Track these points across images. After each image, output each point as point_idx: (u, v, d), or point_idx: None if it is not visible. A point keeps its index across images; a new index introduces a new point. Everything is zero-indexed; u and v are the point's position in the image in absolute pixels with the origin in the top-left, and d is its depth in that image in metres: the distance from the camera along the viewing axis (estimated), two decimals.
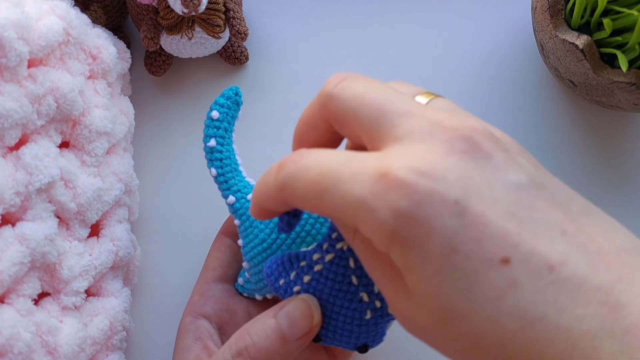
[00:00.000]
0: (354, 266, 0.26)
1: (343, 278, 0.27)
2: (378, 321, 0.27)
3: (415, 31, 0.41)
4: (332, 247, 0.27)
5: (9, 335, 0.28)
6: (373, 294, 0.27)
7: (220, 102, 0.32)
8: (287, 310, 0.27)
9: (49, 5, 0.32)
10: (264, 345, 0.27)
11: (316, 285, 0.27)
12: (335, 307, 0.27)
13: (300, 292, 0.27)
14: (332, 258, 0.27)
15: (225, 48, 0.40)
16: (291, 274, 0.28)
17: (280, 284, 0.28)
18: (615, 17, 0.32)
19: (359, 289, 0.27)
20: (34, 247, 0.29)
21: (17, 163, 0.30)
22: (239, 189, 0.32)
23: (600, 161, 0.39)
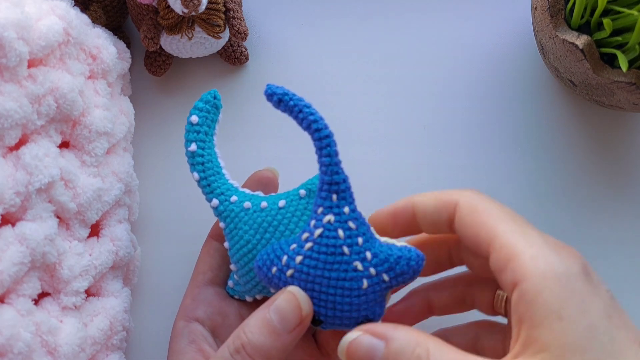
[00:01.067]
0: (343, 236, 0.27)
1: (335, 249, 0.27)
2: (375, 289, 0.28)
3: (416, 31, 0.41)
4: (320, 221, 0.28)
5: (9, 335, 0.28)
6: (366, 261, 0.28)
7: (199, 107, 0.32)
8: (276, 305, 0.28)
9: (49, 5, 0.32)
10: (259, 341, 0.28)
11: (309, 263, 0.28)
12: (332, 282, 0.27)
13: (293, 276, 0.28)
14: (321, 232, 0.28)
15: (225, 48, 0.40)
16: (282, 259, 0.28)
17: (273, 272, 0.28)
18: (615, 17, 0.32)
19: (352, 257, 0.27)
20: (34, 247, 0.29)
21: (17, 163, 0.30)
22: (222, 191, 0.32)
23: (600, 161, 0.39)
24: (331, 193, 0.28)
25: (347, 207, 0.28)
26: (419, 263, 0.28)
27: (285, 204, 0.31)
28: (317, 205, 0.28)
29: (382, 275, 0.28)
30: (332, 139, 0.28)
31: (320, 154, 0.28)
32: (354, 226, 0.28)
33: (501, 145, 0.40)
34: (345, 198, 0.28)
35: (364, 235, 0.28)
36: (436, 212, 0.28)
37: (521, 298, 0.24)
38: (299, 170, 0.36)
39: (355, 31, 0.42)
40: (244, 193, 0.32)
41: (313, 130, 0.28)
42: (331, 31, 0.42)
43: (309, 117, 0.28)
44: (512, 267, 0.24)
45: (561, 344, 0.22)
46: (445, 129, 0.40)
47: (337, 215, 0.28)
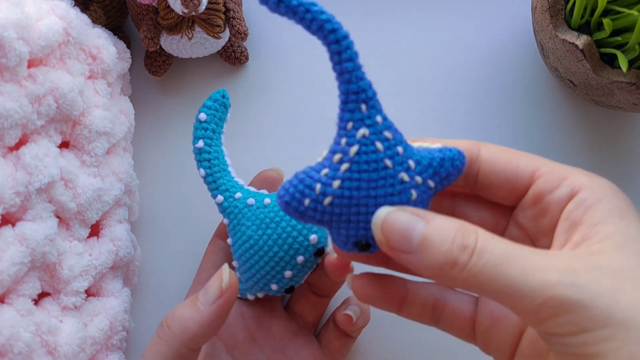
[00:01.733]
0: (383, 148, 0.24)
1: (377, 165, 0.24)
2: (423, 197, 0.25)
3: (416, 31, 0.41)
4: (353, 137, 0.24)
5: (9, 335, 0.28)
6: (411, 170, 0.25)
7: (208, 105, 0.33)
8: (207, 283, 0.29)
9: (49, 5, 0.32)
10: (179, 311, 0.29)
11: (350, 185, 0.24)
12: (379, 200, 0.24)
13: (333, 203, 0.24)
14: (358, 149, 0.24)
15: (225, 48, 0.40)
16: (316, 188, 0.24)
17: (307, 205, 0.25)
18: (615, 17, 0.32)
19: (396, 170, 0.24)
20: (34, 247, 0.29)
21: (17, 163, 0.30)
22: (227, 188, 0.32)
23: (600, 161, 0.39)
24: (359, 103, 0.24)
25: (378, 116, 0.25)
26: (462, 161, 0.26)
27: None
28: (345, 120, 0.24)
29: (428, 182, 0.25)
30: (350, 40, 0.24)
31: (340, 60, 0.24)
32: (390, 136, 0.25)
33: (501, 145, 0.40)
34: (374, 106, 0.25)
35: (402, 144, 0.25)
36: None
37: (580, 204, 0.24)
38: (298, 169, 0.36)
39: (355, 31, 0.41)
40: (248, 190, 0.33)
41: (328, 32, 0.24)
42: None
43: (320, 17, 0.24)
44: (567, 182, 0.24)
45: (624, 234, 0.22)
46: (445, 129, 0.40)
47: (371, 126, 0.24)
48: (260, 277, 0.32)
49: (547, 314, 0.21)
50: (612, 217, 0.23)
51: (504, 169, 0.26)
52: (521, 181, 0.26)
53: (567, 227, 0.24)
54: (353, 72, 0.24)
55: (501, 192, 0.27)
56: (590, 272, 0.21)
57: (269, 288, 0.32)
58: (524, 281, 0.21)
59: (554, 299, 0.21)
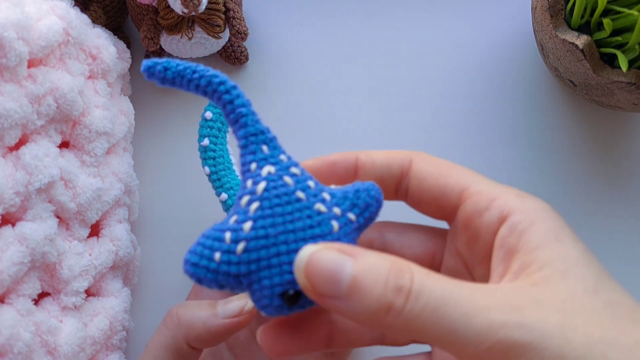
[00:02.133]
0: (292, 182, 0.23)
1: (289, 197, 0.23)
2: (346, 231, 0.24)
3: (415, 31, 0.41)
4: (259, 176, 0.23)
5: (9, 335, 0.28)
6: (327, 202, 0.23)
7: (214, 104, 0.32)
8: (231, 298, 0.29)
9: (49, 5, 0.32)
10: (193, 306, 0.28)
11: (264, 223, 0.22)
12: (299, 234, 0.22)
13: (248, 249, 0.22)
14: (266, 185, 0.23)
15: (225, 48, 0.40)
16: (225, 237, 0.22)
17: (218, 260, 0.22)
18: (615, 17, 0.32)
19: (310, 201, 0.23)
20: (34, 247, 0.29)
21: (17, 163, 0.30)
22: (232, 186, 0.33)
23: (600, 161, 0.39)
24: (259, 144, 0.24)
25: (282, 155, 0.24)
26: (377, 191, 0.24)
27: None
28: (248, 162, 0.23)
29: (348, 215, 0.23)
30: (239, 90, 0.24)
31: (234, 107, 0.24)
32: (298, 171, 0.24)
33: (501, 145, 0.40)
34: (276, 147, 0.24)
35: (312, 179, 0.24)
36: (386, 165, 0.25)
37: (513, 230, 0.22)
38: None
39: (355, 31, 0.42)
40: None
41: (216, 85, 0.24)
42: (331, 31, 0.42)
43: (206, 74, 0.24)
44: (497, 204, 0.23)
45: (564, 258, 0.21)
46: (445, 129, 0.40)
47: (276, 164, 0.23)
48: None
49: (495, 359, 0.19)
50: (549, 240, 0.22)
51: (431, 187, 0.25)
52: (449, 201, 0.24)
53: (503, 255, 0.22)
54: (248, 115, 0.24)
55: (431, 211, 0.25)
56: (537, 309, 0.20)
57: None
58: (468, 325, 0.19)
59: (501, 343, 0.19)
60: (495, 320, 0.19)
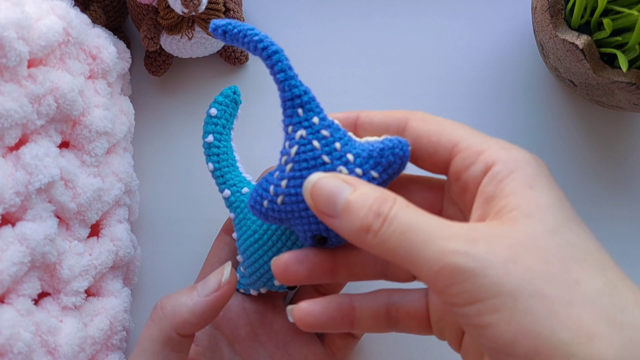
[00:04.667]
0: (320, 146, 0.26)
1: (315, 162, 0.26)
2: None
3: (415, 31, 0.41)
4: (293, 139, 0.27)
5: (9, 335, 0.28)
6: (350, 163, 0.26)
7: (219, 100, 0.33)
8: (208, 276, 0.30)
9: (49, 5, 0.32)
10: (174, 295, 0.30)
11: (295, 183, 0.27)
12: None
13: (284, 201, 0.27)
14: (297, 149, 0.27)
15: (225, 48, 0.40)
16: (270, 190, 0.27)
17: (266, 206, 0.27)
18: (615, 17, 0.32)
19: (334, 164, 0.26)
20: (34, 247, 0.29)
21: (17, 163, 0.30)
22: (235, 183, 0.33)
23: (600, 161, 0.39)
24: (295, 108, 0.27)
25: (315, 118, 0.27)
26: (403, 149, 0.27)
27: None
28: (286, 125, 0.27)
29: (371, 173, 0.26)
30: (282, 54, 0.27)
31: (273, 72, 0.27)
32: (327, 134, 0.27)
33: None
34: (311, 109, 0.27)
35: (341, 140, 0.27)
36: (383, 124, 0.28)
37: (492, 178, 0.24)
38: None
39: (355, 31, 0.42)
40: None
41: (260, 50, 0.27)
42: (331, 31, 0.42)
43: (254, 39, 0.26)
44: (482, 158, 0.25)
45: (532, 203, 0.23)
46: None
47: (308, 127, 0.27)
48: (263, 272, 0.32)
49: (443, 282, 0.21)
50: (522, 187, 0.23)
51: (425, 144, 0.26)
52: (442, 157, 0.26)
53: (481, 202, 0.24)
54: (285, 81, 0.27)
55: (427, 166, 0.27)
56: (489, 243, 0.21)
57: (272, 284, 0.32)
58: (424, 249, 0.22)
59: (448, 267, 0.21)
60: (447, 248, 0.21)
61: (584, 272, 0.21)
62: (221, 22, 0.27)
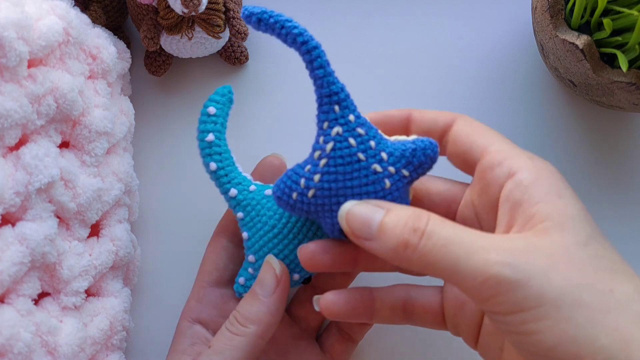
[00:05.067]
0: (355, 143, 0.27)
1: (350, 158, 0.27)
2: (398, 186, 0.28)
3: (415, 31, 0.41)
4: (328, 135, 0.28)
5: (9, 335, 0.28)
6: (383, 162, 0.28)
7: (216, 99, 0.33)
8: (257, 277, 0.31)
9: (49, 5, 0.32)
10: (245, 309, 0.30)
11: (328, 178, 0.28)
12: (355, 190, 0.28)
13: (316, 195, 0.28)
14: (333, 145, 0.28)
15: (225, 48, 0.40)
16: (301, 183, 0.28)
17: (295, 198, 0.28)
18: (615, 17, 0.32)
19: (369, 162, 0.28)
20: (34, 247, 0.29)
21: (17, 163, 0.30)
22: (240, 182, 0.32)
23: (600, 161, 0.39)
24: (332, 105, 0.28)
25: (351, 115, 0.28)
26: (434, 150, 0.28)
27: None
28: (322, 120, 0.28)
29: (402, 171, 0.28)
30: (321, 49, 0.27)
31: (312, 68, 0.28)
32: (363, 132, 0.28)
33: None
34: (347, 107, 0.28)
35: (375, 138, 0.28)
36: (433, 120, 0.30)
37: (518, 184, 0.25)
38: None
39: (355, 31, 0.42)
40: (261, 184, 0.33)
41: (300, 44, 0.27)
42: (331, 31, 0.42)
43: (293, 31, 0.27)
44: (508, 162, 0.26)
45: (563, 213, 0.24)
46: None
47: (344, 125, 0.28)
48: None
49: (488, 292, 0.22)
50: (551, 195, 0.24)
51: (462, 143, 0.28)
52: (473, 156, 0.28)
53: (508, 208, 0.25)
54: (324, 77, 0.27)
55: (460, 164, 0.29)
56: (529, 253, 0.23)
57: (291, 278, 0.32)
58: (467, 260, 0.23)
59: (493, 278, 0.22)
60: (490, 259, 0.22)
61: (615, 282, 0.22)
62: (256, 10, 0.27)
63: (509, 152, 0.27)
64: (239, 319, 0.30)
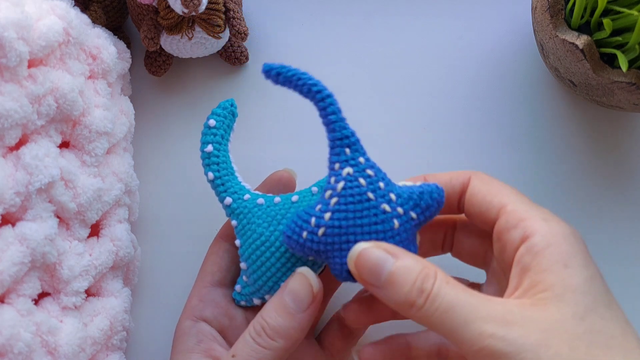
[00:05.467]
0: (365, 184, 0.29)
1: (360, 197, 0.28)
2: (406, 227, 0.29)
3: (415, 31, 0.41)
4: (339, 175, 0.29)
5: (9, 335, 0.28)
6: (392, 202, 0.29)
7: (217, 112, 0.33)
8: (289, 288, 0.30)
9: (49, 5, 0.32)
10: (277, 322, 0.29)
11: (339, 216, 0.28)
12: (365, 228, 0.28)
13: (326, 233, 0.29)
14: (344, 185, 0.29)
15: (225, 48, 0.40)
16: (311, 221, 0.29)
17: (305, 237, 0.29)
18: (615, 17, 0.32)
19: (378, 201, 0.29)
20: (34, 247, 0.29)
21: (17, 163, 0.30)
22: (236, 190, 0.33)
23: (600, 161, 0.39)
24: (343, 147, 0.29)
25: (361, 158, 0.29)
26: (440, 194, 0.30)
27: (298, 199, 0.32)
28: (333, 162, 0.29)
29: (410, 213, 0.29)
30: (333, 98, 0.29)
31: (325, 114, 0.29)
32: (372, 173, 0.29)
33: (501, 145, 0.40)
34: (357, 150, 0.29)
35: (383, 180, 0.29)
36: (449, 182, 0.31)
37: (530, 249, 0.26)
38: (299, 170, 0.36)
39: (355, 31, 0.42)
40: (256, 193, 0.33)
41: (314, 94, 0.29)
42: (331, 31, 0.42)
43: (308, 82, 0.29)
44: (523, 224, 0.27)
45: (564, 284, 0.25)
46: (445, 129, 0.40)
47: (355, 166, 0.29)
48: (270, 275, 0.32)
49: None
50: (558, 264, 0.25)
51: (479, 202, 0.29)
52: (491, 216, 0.29)
53: (518, 271, 0.26)
54: (336, 122, 0.29)
55: (478, 222, 0.30)
56: (523, 326, 0.24)
57: (279, 287, 0.32)
58: (465, 329, 0.24)
59: (486, 349, 0.24)
60: (486, 330, 0.24)
61: (608, 358, 0.23)
62: (275, 65, 0.29)
63: (525, 212, 0.27)
64: (267, 332, 0.29)
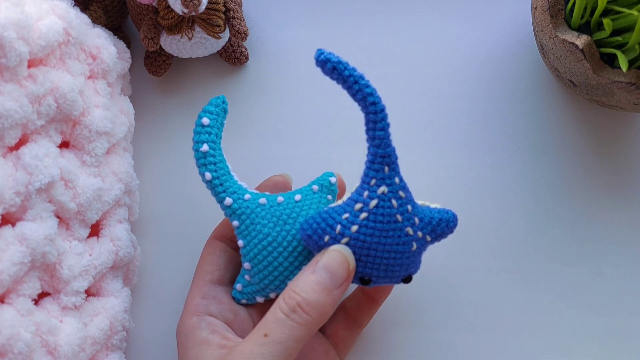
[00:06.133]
0: (397, 205, 0.29)
1: (390, 218, 0.29)
2: (420, 250, 0.31)
3: (416, 31, 0.41)
4: (374, 192, 0.29)
5: (9, 335, 0.28)
6: (415, 226, 0.30)
7: (210, 110, 0.33)
8: (325, 264, 0.29)
9: (49, 5, 0.32)
10: (313, 297, 0.29)
11: (365, 231, 0.29)
12: (387, 247, 0.29)
13: (349, 244, 0.29)
14: (377, 203, 0.29)
15: (225, 48, 0.40)
16: (336, 228, 0.29)
17: (326, 241, 0.29)
18: (615, 17, 0.32)
19: (404, 224, 0.29)
20: (34, 247, 0.29)
21: (17, 163, 0.30)
22: (235, 190, 0.32)
23: (600, 161, 0.39)
24: (384, 165, 0.29)
25: (397, 178, 0.29)
26: (455, 223, 0.31)
27: (301, 198, 0.32)
28: (370, 177, 0.29)
29: (426, 237, 0.31)
30: (385, 112, 0.29)
31: (375, 127, 0.29)
32: (403, 195, 0.29)
33: (501, 145, 0.40)
34: (394, 169, 0.29)
35: (411, 202, 0.30)
36: None
37: None
38: (298, 170, 0.36)
39: (355, 31, 0.42)
40: (257, 193, 0.33)
41: (369, 104, 0.28)
42: (331, 31, 0.42)
43: (365, 90, 0.28)
44: None
45: None
46: (445, 129, 0.40)
47: (390, 186, 0.29)
48: (277, 275, 0.31)
49: None
50: None
51: None
52: None
53: None
54: (384, 139, 0.29)
55: None
56: None
57: (285, 285, 0.32)
58: None
59: None
60: None
61: None
62: (333, 57, 0.28)
63: None
64: (304, 308, 0.29)
